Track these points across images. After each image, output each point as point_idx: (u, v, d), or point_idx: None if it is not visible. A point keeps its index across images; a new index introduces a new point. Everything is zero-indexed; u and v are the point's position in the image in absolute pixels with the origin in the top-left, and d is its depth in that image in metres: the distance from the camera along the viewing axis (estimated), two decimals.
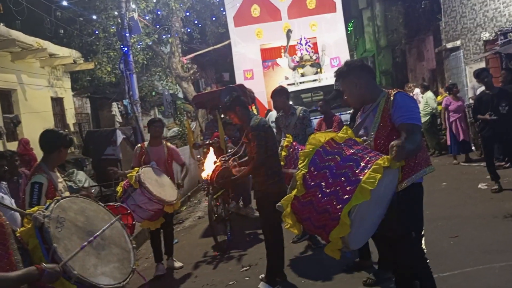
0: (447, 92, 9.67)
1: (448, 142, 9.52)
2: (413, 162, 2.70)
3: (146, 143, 5.62)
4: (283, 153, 4.72)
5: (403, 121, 2.65)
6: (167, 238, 5.44)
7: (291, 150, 4.89)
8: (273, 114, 8.19)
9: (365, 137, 2.80)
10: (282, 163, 4.77)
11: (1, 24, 9.73)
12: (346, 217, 2.33)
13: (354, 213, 2.35)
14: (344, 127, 2.78)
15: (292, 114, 5.65)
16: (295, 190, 2.54)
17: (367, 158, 2.49)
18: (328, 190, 2.44)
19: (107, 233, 2.48)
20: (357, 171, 2.43)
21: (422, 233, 2.86)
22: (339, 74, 3.00)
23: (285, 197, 2.60)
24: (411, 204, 2.77)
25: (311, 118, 5.92)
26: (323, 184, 2.47)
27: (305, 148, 2.64)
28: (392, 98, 2.75)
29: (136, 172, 4.70)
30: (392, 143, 2.40)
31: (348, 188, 2.38)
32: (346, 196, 2.37)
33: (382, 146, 2.69)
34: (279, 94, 5.66)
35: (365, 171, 2.39)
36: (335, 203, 2.40)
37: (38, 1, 11.10)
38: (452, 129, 9.20)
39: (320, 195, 2.46)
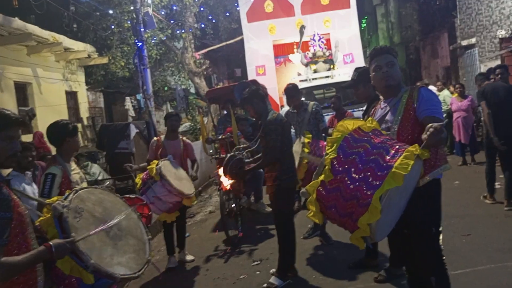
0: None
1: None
2: (435, 157, 2.70)
3: (162, 136, 5.67)
4: (306, 150, 4.69)
5: (428, 114, 2.63)
6: (180, 231, 5.50)
7: (313, 146, 4.89)
8: (286, 110, 8.19)
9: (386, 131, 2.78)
10: (305, 160, 4.79)
11: (16, 18, 9.86)
12: (378, 202, 2.28)
13: (384, 199, 2.30)
14: (369, 118, 2.77)
15: (305, 110, 5.65)
16: (322, 175, 2.48)
17: (397, 146, 2.47)
18: (357, 176, 2.39)
19: (123, 224, 2.51)
20: (387, 158, 2.39)
21: (440, 229, 2.85)
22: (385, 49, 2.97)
23: (311, 183, 2.53)
24: (432, 200, 2.79)
25: (323, 114, 5.92)
26: (352, 169, 2.42)
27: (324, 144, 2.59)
28: (416, 92, 2.76)
29: (156, 165, 4.75)
30: (431, 124, 2.35)
31: (379, 174, 2.34)
32: (377, 182, 2.32)
33: (405, 140, 2.67)
34: (296, 91, 5.69)
35: (396, 158, 2.36)
36: (365, 189, 2.35)
37: None
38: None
39: (348, 181, 2.41)
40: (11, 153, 2.04)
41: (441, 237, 2.87)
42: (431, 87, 12.09)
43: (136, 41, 10.26)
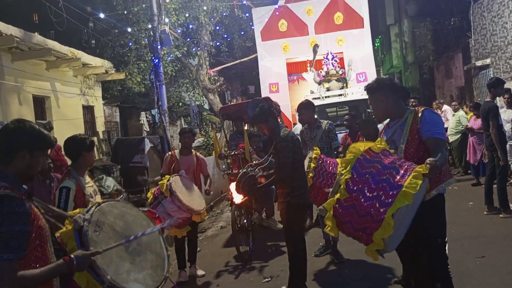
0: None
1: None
2: (439, 173, 2.85)
3: (176, 151, 5.79)
4: (312, 165, 4.73)
5: (429, 136, 2.89)
6: (191, 246, 5.54)
7: (320, 162, 4.92)
8: (298, 127, 8.24)
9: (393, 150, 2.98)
10: (311, 174, 4.81)
11: (36, 33, 10.13)
12: (391, 219, 2.50)
13: (396, 216, 2.52)
14: (378, 139, 2.98)
15: (318, 127, 5.71)
16: (338, 194, 2.70)
17: (405, 166, 2.68)
18: (370, 195, 2.62)
19: (144, 239, 2.53)
20: (398, 178, 2.61)
21: (446, 239, 3.05)
22: (368, 89, 3.24)
23: (328, 200, 2.75)
24: (438, 212, 2.99)
25: (336, 132, 5.96)
26: (365, 189, 2.65)
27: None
28: (420, 114, 2.98)
29: (167, 181, 4.82)
30: (428, 160, 2.60)
31: (391, 193, 2.56)
32: (389, 200, 2.54)
33: (411, 158, 2.88)
34: (307, 107, 5.75)
35: (405, 178, 2.57)
36: (377, 206, 2.57)
37: (73, 12, 11.53)
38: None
39: (362, 199, 2.64)
40: (41, 168, 2.18)
41: (446, 246, 3.06)
42: (446, 107, 12.04)
43: (153, 57, 10.47)
